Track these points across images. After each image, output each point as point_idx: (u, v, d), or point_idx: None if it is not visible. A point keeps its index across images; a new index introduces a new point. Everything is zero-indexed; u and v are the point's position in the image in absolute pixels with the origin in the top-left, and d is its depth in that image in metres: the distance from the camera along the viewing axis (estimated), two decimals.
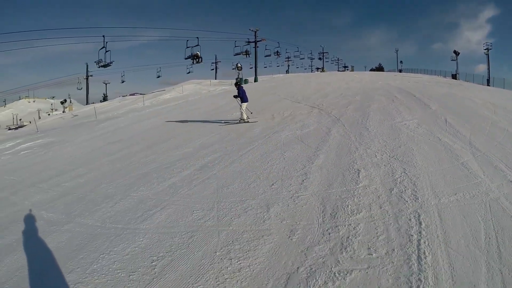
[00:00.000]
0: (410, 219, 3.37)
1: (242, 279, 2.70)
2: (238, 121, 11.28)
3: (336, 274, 2.63)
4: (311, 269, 2.72)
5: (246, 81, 31.44)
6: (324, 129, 7.77)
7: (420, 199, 3.81)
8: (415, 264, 2.67)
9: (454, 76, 34.81)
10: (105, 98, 51.94)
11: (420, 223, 3.28)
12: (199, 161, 6.42)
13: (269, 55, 40.86)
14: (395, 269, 2.64)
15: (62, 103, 52.33)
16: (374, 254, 2.85)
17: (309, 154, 5.90)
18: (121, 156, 8.30)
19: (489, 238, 3.02)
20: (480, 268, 2.61)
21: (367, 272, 2.62)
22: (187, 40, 32.87)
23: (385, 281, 2.50)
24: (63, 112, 50.23)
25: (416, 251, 2.85)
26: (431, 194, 3.93)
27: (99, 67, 25.83)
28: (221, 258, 3.01)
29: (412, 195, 3.92)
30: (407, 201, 3.78)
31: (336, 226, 3.36)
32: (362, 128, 7.53)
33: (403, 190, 4.09)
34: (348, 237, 3.14)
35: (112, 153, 8.92)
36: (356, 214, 3.57)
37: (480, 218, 3.36)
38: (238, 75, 35.05)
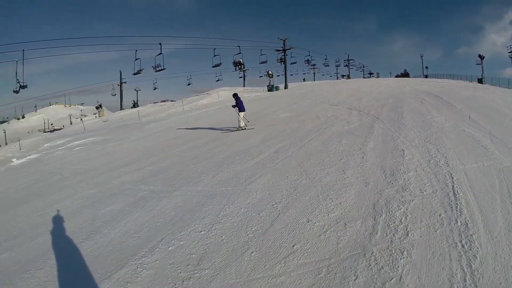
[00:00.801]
0: (445, 176, 5.04)
1: (343, 207, 4.41)
2: (236, 129, 12.48)
3: (403, 201, 4.35)
4: (387, 199, 4.45)
5: (277, 88, 33.13)
6: (367, 125, 9.43)
7: (450, 165, 5.47)
8: (452, 197, 4.35)
9: (480, 81, 35.13)
10: (134, 105, 54.43)
11: (452, 177, 4.94)
12: (271, 148, 8.19)
13: (295, 63, 42.59)
14: (440, 199, 4.32)
15: (97, 108, 55.57)
16: (424, 192, 4.55)
17: (361, 141, 7.60)
18: (191, 147, 9.89)
19: (502, 186, 4.61)
20: (496, 200, 4.20)
21: (422, 200, 4.32)
22: (214, 49, 35.42)
23: (435, 204, 4.19)
24: (95, 117, 53.25)
25: (452, 190, 4.52)
26: (459, 163, 5.57)
27: (156, 71, 28.31)
28: (324, 199, 4.75)
29: (445, 163, 5.58)
30: (441, 167, 5.44)
31: (395, 180, 5.07)
32: (399, 123, 9.15)
33: (438, 160, 5.75)
34: (405, 185, 4.85)
35: (178, 145, 10.52)
36: (407, 173, 5.27)
37: (495, 176, 4.96)
38: (269, 82, 36.92)
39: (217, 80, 46.79)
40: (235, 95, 13.30)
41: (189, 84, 46.41)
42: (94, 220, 5.09)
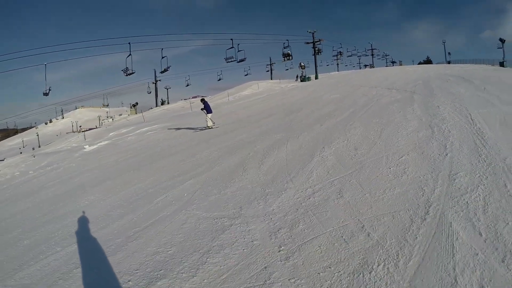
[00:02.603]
0: (466, 114, 8.68)
1: (413, 127, 8.24)
2: (204, 128, 14.69)
3: (445, 123, 8.19)
4: (435, 123, 8.39)
5: (309, 79, 37.05)
6: (408, 97, 13.26)
7: (469, 110, 9.02)
8: (471, 120, 8.17)
9: (501, 64, 37.15)
10: (163, 102, 58.12)
11: (471, 115, 8.60)
12: (345, 112, 12.06)
13: (320, 53, 45.88)
14: (464, 122, 8.17)
15: (134, 106, 60.10)
16: (455, 120, 8.43)
17: (408, 104, 11.38)
18: (272, 120, 13.40)
19: (499, 117, 8.63)
20: (496, 121, 7.87)
21: (454, 122, 8.20)
22: (238, 44, 35.58)
23: (462, 123, 7.98)
24: (128, 115, 57.45)
25: (471, 119, 8.24)
26: (474, 109, 9.18)
27: (227, 62, 32.67)
28: (401, 126, 8.65)
29: (465, 109, 9.19)
30: (463, 111, 9.06)
31: (437, 117, 8.83)
32: (431, 94, 12.92)
33: (461, 109, 9.40)
34: (443, 118, 8.74)
35: (259, 120, 14.13)
36: (443, 114, 8.96)
37: (496, 114, 8.76)
38: (302, 73, 40.89)
39: (246, 75, 50.49)
40: (202, 100, 15.64)
41: (219, 80, 50.09)
42: (256, 152, 8.27)
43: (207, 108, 15.03)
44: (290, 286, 3.08)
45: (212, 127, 14.51)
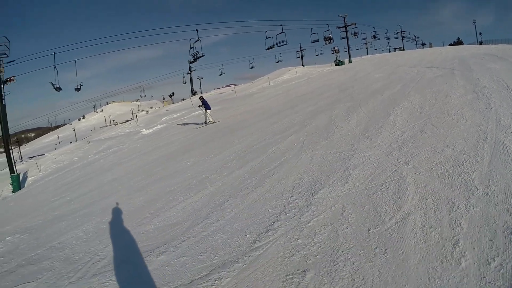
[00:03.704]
0: (502, 83, 11.00)
1: (460, 93, 10.59)
2: (204, 124, 15.95)
3: (487, 89, 10.40)
4: (478, 90, 10.58)
5: (343, 63, 38.97)
6: (448, 73, 15.27)
7: (505, 80, 11.19)
8: (506, 87, 10.62)
9: None
10: (194, 93, 60.35)
11: (507, 83, 10.81)
12: (396, 86, 14.31)
13: (355, 36, 47.13)
14: (502, 88, 10.42)
15: (170, 96, 63.15)
16: (494, 87, 10.89)
17: (450, 78, 13.52)
18: (331, 95, 15.95)
19: None
20: None
21: (494, 88, 10.49)
22: (266, 31, 36.00)
23: (500, 89, 10.17)
24: (163, 105, 60.45)
25: (507, 86, 10.80)
26: (509, 80, 11.36)
27: (278, 46, 35.02)
28: (449, 93, 11.09)
29: (502, 80, 11.21)
30: (500, 82, 11.10)
31: (478, 86, 11.00)
32: (469, 70, 14.90)
33: (498, 80, 11.40)
34: (483, 87, 10.96)
35: (315, 97, 16.65)
36: (483, 84, 11.11)
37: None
38: (336, 57, 42.79)
39: (277, 62, 52.24)
40: (201, 98, 16.78)
41: (252, 68, 52.11)
42: (336, 115, 10.90)
43: (205, 105, 16.32)
44: (418, 176, 5.35)
45: (214, 121, 15.86)
